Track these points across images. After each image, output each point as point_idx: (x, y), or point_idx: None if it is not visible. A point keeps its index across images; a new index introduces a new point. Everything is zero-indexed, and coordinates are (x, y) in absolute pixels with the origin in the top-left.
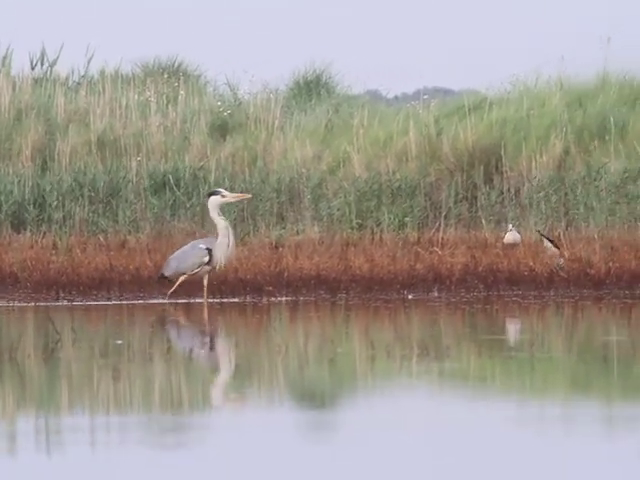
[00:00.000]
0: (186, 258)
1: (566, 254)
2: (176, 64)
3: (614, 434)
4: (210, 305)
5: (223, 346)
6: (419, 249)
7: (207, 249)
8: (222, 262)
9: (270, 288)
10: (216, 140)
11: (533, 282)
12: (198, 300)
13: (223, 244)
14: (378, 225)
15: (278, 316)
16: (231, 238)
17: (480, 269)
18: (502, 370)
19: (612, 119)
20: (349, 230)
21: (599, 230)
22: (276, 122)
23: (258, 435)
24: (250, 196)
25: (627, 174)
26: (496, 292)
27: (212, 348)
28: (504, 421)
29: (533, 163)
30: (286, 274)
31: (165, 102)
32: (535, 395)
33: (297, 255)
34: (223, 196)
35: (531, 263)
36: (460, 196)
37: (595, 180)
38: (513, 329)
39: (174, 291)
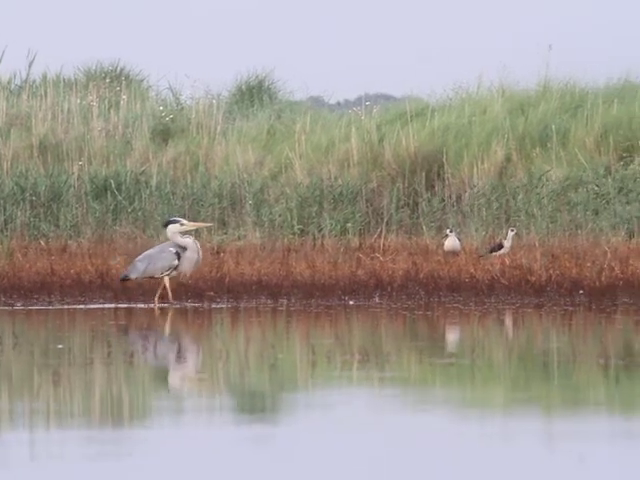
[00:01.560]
0: (155, 261)
1: (507, 261)
2: (118, 69)
3: (553, 443)
4: (151, 310)
5: (164, 351)
6: (360, 255)
7: (176, 253)
8: (187, 273)
9: (211, 293)
10: (158, 145)
11: (474, 289)
12: (139, 305)
13: (192, 259)
14: (320, 231)
15: (219, 321)
16: (200, 254)
17: (421, 275)
18: (442, 377)
19: (553, 126)
20: (291, 236)
21: (540, 237)
22: (218, 127)
23: (197, 444)
24: (211, 224)
25: (568, 182)
26: (437, 299)
27: (153, 353)
28: (444, 428)
29: (475, 170)
30: (227, 279)
31: (107, 107)
32: (475, 402)
33: (238, 260)
34: (182, 224)
35: (472, 270)
36: (402, 202)
37: (536, 187)
38: (454, 336)
39: (160, 294)
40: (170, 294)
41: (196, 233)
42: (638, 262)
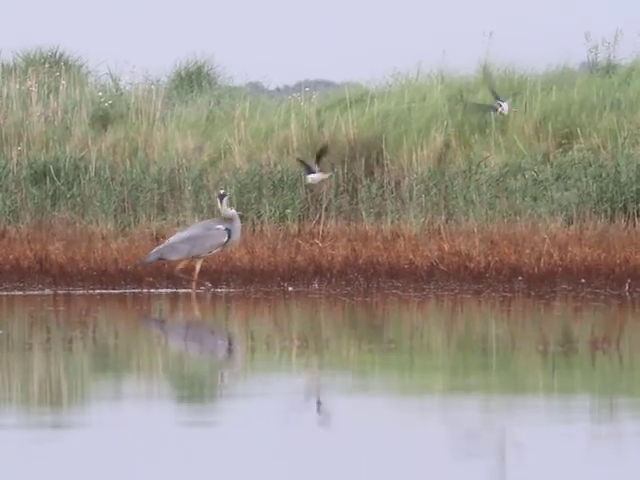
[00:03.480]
0: (204, 240)
1: (446, 247)
2: (57, 54)
3: (489, 426)
4: (90, 296)
5: (103, 337)
6: (300, 241)
7: (226, 229)
8: (236, 244)
9: (150, 279)
10: (97, 130)
11: (413, 275)
12: (78, 291)
13: (239, 229)
14: (259, 217)
15: (158, 307)
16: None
17: (360, 262)
18: (381, 363)
19: (492, 113)
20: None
21: (479, 224)
22: (157, 113)
23: (135, 429)
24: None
25: (507, 168)
26: (376, 285)
27: (92, 339)
28: (384, 412)
29: (414, 156)
30: (166, 265)
31: (46, 92)
32: (413, 388)
33: None
34: (228, 196)
35: (411, 256)
36: (341, 189)
37: (475, 174)
38: (393, 322)
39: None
40: (196, 276)
41: (135, 218)
42: (576, 249)
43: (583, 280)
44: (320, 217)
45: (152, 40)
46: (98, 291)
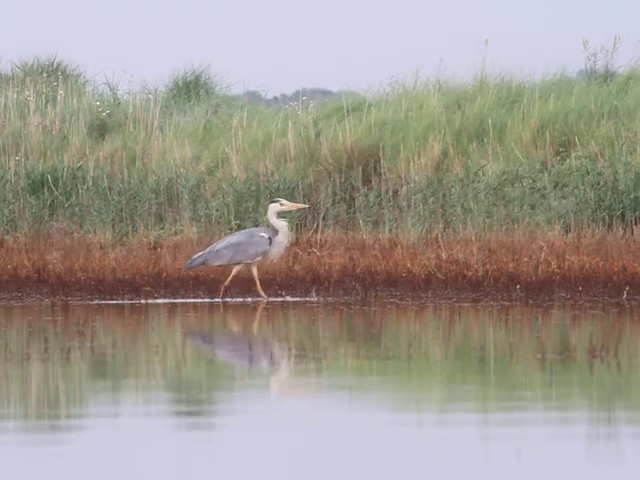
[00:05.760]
0: (247, 247)
1: (444, 256)
2: (55, 63)
3: (488, 436)
4: (88, 306)
5: (102, 347)
6: (297, 250)
7: (269, 238)
8: (275, 259)
9: (148, 289)
10: (95, 140)
11: (411, 283)
12: (76, 301)
13: (282, 243)
14: (256, 226)
15: (156, 317)
16: (290, 238)
17: (358, 270)
18: (379, 372)
19: (490, 121)
20: (228, 231)
21: (477, 232)
22: (155, 122)
23: (135, 436)
24: (307, 205)
25: (505, 176)
26: (374, 293)
27: (90, 349)
28: (380, 423)
29: (411, 165)
30: (164, 275)
31: (44, 101)
32: (411, 397)
33: (175, 256)
34: (282, 204)
35: (409, 265)
36: (338, 197)
37: (473, 182)
38: (390, 331)
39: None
40: (258, 283)
41: (133, 228)
42: (574, 257)
43: (581, 288)
44: (318, 226)
45: (150, 49)
46: (96, 301)
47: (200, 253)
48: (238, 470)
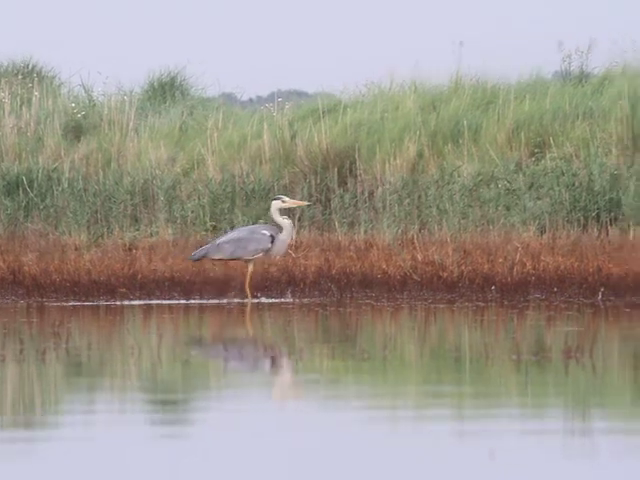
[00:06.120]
0: (247, 243)
1: (419, 257)
2: (30, 65)
3: (463, 435)
4: (63, 307)
5: (77, 348)
6: None
7: (271, 236)
8: (277, 256)
9: (123, 290)
10: (70, 141)
11: (386, 285)
12: (52, 302)
13: (285, 241)
14: (232, 227)
15: (132, 318)
16: (293, 237)
17: (334, 272)
18: (355, 373)
19: (465, 122)
20: (203, 232)
21: (452, 233)
22: (130, 124)
23: (109, 437)
24: (309, 203)
25: (480, 177)
26: (349, 295)
27: (66, 350)
28: (355, 424)
29: (387, 166)
30: (140, 276)
31: (19, 103)
32: (386, 398)
33: (151, 257)
34: (283, 201)
35: (384, 266)
36: (314, 198)
37: (448, 183)
38: (366, 332)
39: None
40: (248, 281)
41: (108, 229)
42: (549, 258)
43: (556, 289)
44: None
45: (125, 51)
46: (71, 302)
47: (204, 246)
48: (213, 469)
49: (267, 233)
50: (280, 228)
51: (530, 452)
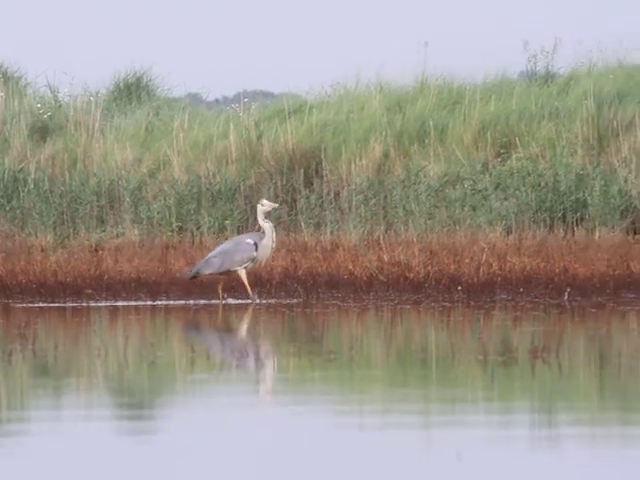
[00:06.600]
0: (233, 254)
1: (385, 258)
2: None
3: (430, 437)
4: (29, 309)
5: (43, 349)
6: None
7: (254, 243)
8: (262, 261)
9: (90, 291)
10: (36, 142)
11: (352, 285)
12: (18, 303)
13: (267, 246)
14: (198, 228)
15: (98, 319)
16: (274, 240)
17: (300, 272)
18: (321, 374)
19: (431, 123)
20: (169, 233)
21: (418, 234)
22: (96, 125)
23: (75, 437)
24: (276, 205)
25: (446, 178)
26: (316, 295)
27: (32, 351)
28: (324, 425)
29: (352, 166)
30: (106, 277)
31: None
32: (354, 398)
33: (117, 258)
34: (262, 204)
35: (350, 267)
36: (280, 199)
37: (414, 184)
38: (332, 332)
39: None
40: (249, 288)
41: (74, 230)
42: (515, 258)
43: (522, 289)
44: (259, 228)
45: (91, 52)
46: (38, 304)
47: (196, 264)
48: (179, 470)
49: (251, 241)
50: (263, 233)
51: (497, 452)
